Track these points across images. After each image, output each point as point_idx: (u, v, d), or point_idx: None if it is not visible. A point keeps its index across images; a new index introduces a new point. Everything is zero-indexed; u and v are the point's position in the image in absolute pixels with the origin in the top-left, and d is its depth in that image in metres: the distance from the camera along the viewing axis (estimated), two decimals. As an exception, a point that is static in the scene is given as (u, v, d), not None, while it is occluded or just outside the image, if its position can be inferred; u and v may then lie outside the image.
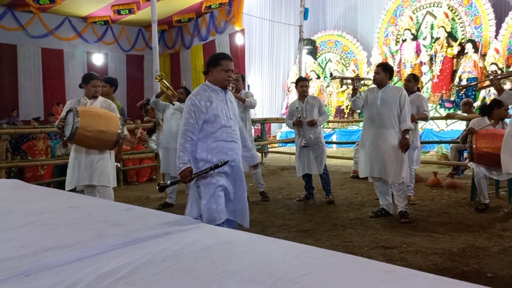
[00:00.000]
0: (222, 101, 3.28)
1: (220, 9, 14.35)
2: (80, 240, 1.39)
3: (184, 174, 3.14)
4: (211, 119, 3.19)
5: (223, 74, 3.24)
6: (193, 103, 3.18)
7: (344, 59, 14.74)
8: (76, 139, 3.96)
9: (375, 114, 4.75)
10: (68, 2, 13.00)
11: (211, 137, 3.22)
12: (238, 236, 1.48)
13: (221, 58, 3.29)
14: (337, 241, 4.02)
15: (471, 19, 11.66)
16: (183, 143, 3.17)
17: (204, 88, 3.29)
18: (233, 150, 3.29)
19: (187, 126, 3.17)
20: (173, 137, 5.57)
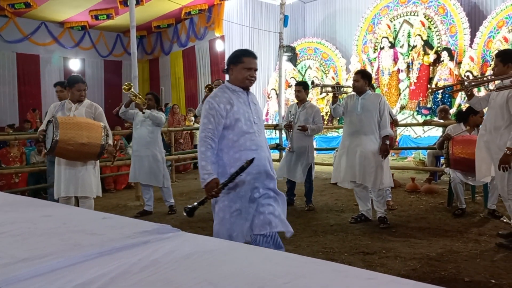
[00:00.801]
0: (244, 103, 2.90)
1: (200, 15, 14.32)
2: (54, 251, 1.34)
3: (210, 187, 2.71)
4: (232, 124, 2.81)
5: (244, 73, 2.87)
6: (212, 106, 2.80)
7: (324, 66, 14.88)
8: (56, 152, 3.83)
9: (355, 120, 4.78)
10: (45, 6, 12.77)
11: (234, 146, 2.81)
12: (219, 244, 1.46)
13: (243, 55, 2.90)
14: (317, 247, 4.02)
15: (447, 28, 11.93)
16: (204, 151, 2.77)
17: (223, 89, 2.91)
18: (260, 160, 2.84)
19: (206, 132, 2.79)
20: (144, 145, 5.52)
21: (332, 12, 15.84)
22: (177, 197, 6.81)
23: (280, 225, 2.90)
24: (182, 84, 16.05)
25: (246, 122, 2.84)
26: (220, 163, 2.83)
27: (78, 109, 4.20)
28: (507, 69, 3.69)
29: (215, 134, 2.80)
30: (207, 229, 4.81)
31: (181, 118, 10.88)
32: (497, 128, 3.83)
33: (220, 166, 2.82)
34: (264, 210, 2.85)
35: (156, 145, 5.61)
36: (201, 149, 2.79)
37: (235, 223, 2.81)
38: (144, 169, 5.53)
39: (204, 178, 2.72)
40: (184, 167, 10.17)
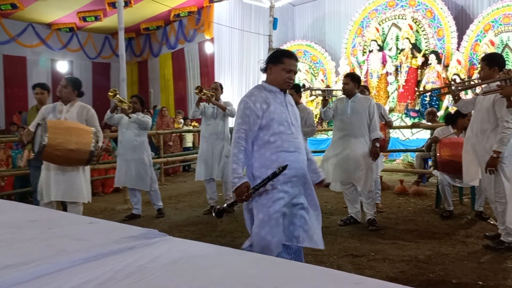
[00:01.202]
0: (281, 104, 2.75)
1: (189, 17, 14.29)
2: (39, 257, 1.32)
3: (241, 191, 2.59)
4: (269, 124, 2.67)
5: (284, 75, 2.73)
6: (247, 106, 2.67)
7: (313, 69, 14.93)
8: (44, 157, 3.74)
9: (345, 123, 4.81)
10: (32, 8, 12.65)
11: (270, 147, 2.67)
12: (206, 249, 1.44)
13: (285, 56, 2.76)
14: (306, 250, 4.01)
15: (434, 31, 12.05)
16: (237, 153, 2.64)
17: (260, 88, 2.78)
18: (298, 162, 2.71)
19: (240, 133, 2.66)
20: (130, 148, 5.47)
21: (321, 15, 15.93)
22: (166, 200, 6.78)
23: (307, 240, 2.77)
24: (171, 87, 15.99)
25: (283, 123, 2.69)
26: (255, 165, 2.69)
27: (70, 111, 4.11)
28: (493, 73, 3.73)
29: (249, 135, 2.67)
30: (196, 232, 4.79)
31: (170, 121, 10.84)
32: (483, 131, 3.86)
33: (256, 168, 2.69)
34: (295, 222, 2.73)
35: (143, 148, 5.56)
36: (233, 150, 2.66)
37: (275, 227, 2.63)
38: (130, 173, 5.49)
39: (235, 182, 2.60)
40: (173, 170, 10.12)
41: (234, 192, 2.61)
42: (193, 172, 10.43)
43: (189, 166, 10.70)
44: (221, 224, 5.17)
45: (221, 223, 5.20)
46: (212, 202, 5.92)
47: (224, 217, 5.47)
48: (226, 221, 5.30)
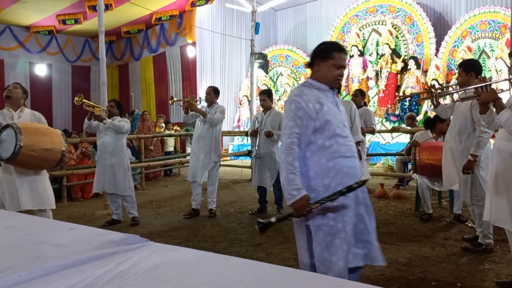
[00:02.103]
0: (332, 103, 2.46)
1: (170, 21, 14.22)
2: (15, 264, 1.29)
3: (301, 205, 2.24)
4: (322, 127, 2.35)
5: (334, 71, 2.43)
6: (299, 106, 2.35)
7: (295, 73, 15.02)
8: (18, 160, 3.51)
9: None
10: (10, 10, 12.40)
11: (325, 153, 2.35)
12: (187, 254, 1.43)
13: (334, 50, 2.45)
14: (288, 254, 4.03)
15: (413, 37, 12.27)
16: (292, 161, 2.30)
17: (309, 86, 2.46)
18: (355, 169, 2.42)
19: (293, 138, 2.32)
20: (108, 153, 5.39)
21: (303, 20, 16.06)
22: (147, 205, 6.71)
23: (380, 258, 2.44)
24: (153, 90, 15.86)
25: (338, 125, 2.40)
26: (309, 173, 2.36)
27: (22, 117, 3.92)
28: (470, 78, 3.80)
29: (302, 139, 2.35)
30: (177, 237, 4.75)
31: (151, 125, 10.75)
32: (461, 135, 3.94)
33: (310, 177, 2.35)
34: (358, 237, 2.41)
35: (121, 153, 5.45)
36: (287, 158, 2.31)
37: (340, 248, 2.30)
38: (109, 178, 5.39)
39: (293, 195, 2.25)
40: (154, 175, 10.02)
41: (292, 206, 2.28)
42: (174, 176, 10.37)
43: (171, 171, 10.62)
44: (202, 229, 5.15)
45: (202, 228, 5.17)
46: (194, 205, 5.90)
47: (206, 221, 5.48)
48: (207, 226, 5.28)
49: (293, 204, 2.26)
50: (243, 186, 8.40)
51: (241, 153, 10.87)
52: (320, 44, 2.56)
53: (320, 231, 2.32)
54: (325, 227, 2.31)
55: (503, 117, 2.90)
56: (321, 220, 2.32)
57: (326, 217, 2.31)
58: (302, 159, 2.36)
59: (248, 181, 8.82)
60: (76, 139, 8.47)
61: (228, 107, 15.11)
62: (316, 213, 2.30)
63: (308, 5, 15.81)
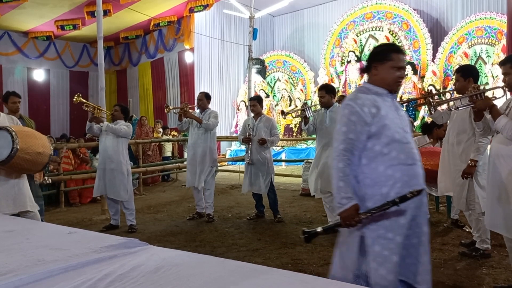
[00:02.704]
0: (391, 107, 2.31)
1: (168, 27, 14.26)
2: (16, 267, 1.30)
3: (350, 214, 2.13)
4: (380, 132, 2.21)
5: (393, 73, 2.30)
6: (353, 111, 2.23)
7: (292, 79, 15.07)
8: (12, 163, 3.43)
9: (325, 133, 4.90)
10: (8, 16, 12.43)
11: (383, 159, 2.20)
12: (186, 258, 1.44)
13: (392, 51, 2.33)
14: (286, 259, 4.03)
15: (410, 43, 12.34)
16: (343, 168, 2.20)
17: (364, 90, 2.34)
18: (417, 178, 2.26)
19: (346, 144, 2.22)
20: (108, 157, 5.38)
21: (300, 26, 16.15)
22: (144, 210, 6.71)
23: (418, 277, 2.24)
24: (151, 96, 15.88)
25: (397, 130, 2.25)
26: (366, 182, 2.22)
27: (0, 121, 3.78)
28: (468, 84, 3.83)
29: (355, 146, 2.22)
30: (175, 242, 4.75)
31: (149, 130, 10.75)
32: (459, 141, 3.96)
33: (366, 185, 2.22)
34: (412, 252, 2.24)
35: (121, 157, 5.42)
36: (338, 165, 2.21)
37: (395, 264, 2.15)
38: (108, 183, 5.39)
39: (342, 203, 2.15)
40: (152, 180, 10.02)
41: (340, 215, 2.17)
42: (172, 181, 10.36)
43: (168, 176, 10.62)
44: (200, 234, 5.15)
45: (200, 233, 5.17)
46: (199, 209, 5.99)
47: (204, 226, 5.48)
48: (205, 231, 5.28)
49: (342, 213, 2.15)
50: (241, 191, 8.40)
51: (239, 158, 10.87)
52: (377, 46, 2.48)
53: (377, 244, 2.16)
54: (382, 240, 2.16)
55: (500, 123, 2.94)
56: (379, 232, 2.17)
57: (384, 228, 2.17)
58: (357, 165, 2.24)
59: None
60: (74, 144, 8.48)
61: (225, 113, 15.16)
62: (374, 224, 2.17)
63: (305, 11, 15.91)
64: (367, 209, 2.14)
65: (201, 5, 12.75)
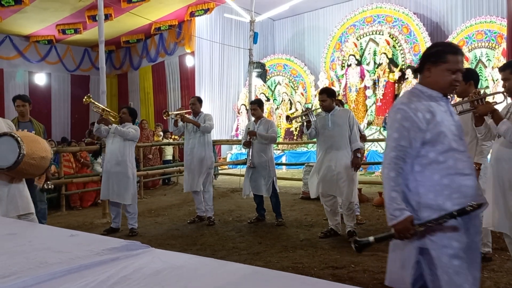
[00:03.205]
0: (446, 112, 2.15)
1: (169, 31, 14.30)
2: (19, 269, 1.30)
3: (404, 227, 2.00)
4: (435, 139, 2.07)
5: (448, 77, 2.13)
6: (406, 116, 2.09)
7: (293, 82, 15.09)
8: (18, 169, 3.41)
9: (327, 136, 4.91)
10: (10, 20, 12.47)
11: (439, 168, 2.06)
12: (188, 260, 1.45)
13: (448, 52, 2.13)
14: (287, 263, 4.04)
15: (411, 47, 12.36)
16: (395, 177, 2.07)
17: (417, 93, 2.18)
18: (474, 189, 2.10)
19: (398, 151, 2.08)
20: (115, 160, 5.38)
21: (300, 30, 16.19)
22: (145, 213, 6.71)
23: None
24: (151, 99, 15.91)
25: (453, 137, 2.10)
26: (420, 190, 2.07)
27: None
28: (469, 87, 3.84)
29: (408, 153, 2.08)
30: (176, 246, 4.75)
31: (150, 134, 10.78)
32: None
33: (420, 194, 2.07)
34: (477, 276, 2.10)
35: (128, 161, 5.43)
36: (390, 174, 2.08)
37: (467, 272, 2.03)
38: (113, 186, 5.39)
39: (395, 215, 2.01)
40: (152, 183, 10.02)
41: (393, 227, 2.04)
42: (173, 185, 10.37)
43: (169, 179, 10.62)
44: (201, 237, 5.15)
45: (201, 236, 5.18)
46: (199, 212, 6.03)
47: (205, 230, 5.48)
48: (206, 234, 5.28)
49: (395, 225, 2.02)
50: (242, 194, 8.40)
51: (239, 161, 10.88)
52: (432, 46, 2.28)
53: (444, 255, 2.01)
54: (449, 250, 2.02)
55: (502, 128, 2.99)
56: (443, 242, 2.03)
57: (447, 238, 2.03)
58: (409, 173, 2.11)
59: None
60: (75, 147, 8.49)
61: (226, 116, 15.18)
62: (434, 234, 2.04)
63: (305, 15, 15.95)
64: (421, 219, 2.03)
65: (202, 9, 12.79)
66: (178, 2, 12.20)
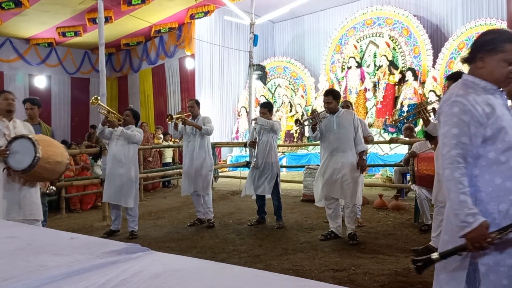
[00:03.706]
0: (503, 106, 1.92)
1: (169, 33, 14.33)
2: (19, 273, 1.30)
3: (480, 235, 1.73)
4: (496, 136, 1.84)
5: (504, 68, 1.89)
6: (465, 109, 1.85)
7: (293, 85, 15.11)
8: (32, 172, 3.45)
9: (333, 138, 4.87)
10: (10, 23, 12.51)
11: (500, 169, 1.83)
12: (188, 263, 1.44)
13: (506, 40, 1.88)
14: (287, 265, 4.03)
15: (411, 49, 12.38)
16: (460, 178, 1.80)
17: (471, 85, 1.94)
18: None
19: (457, 149, 1.84)
20: (118, 162, 5.37)
21: (300, 32, 16.22)
22: (145, 216, 6.70)
23: None
24: (151, 102, 15.93)
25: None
26: (479, 195, 1.84)
27: (17, 127, 3.78)
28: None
29: (468, 151, 1.84)
30: (176, 249, 4.75)
31: (150, 136, 10.77)
32: None
33: (481, 200, 1.84)
34: None
35: (131, 164, 5.42)
36: (454, 174, 1.81)
37: None
38: (115, 188, 5.38)
39: (468, 222, 1.74)
40: (152, 186, 10.02)
41: (466, 237, 1.76)
42: (173, 188, 10.36)
43: (169, 182, 10.62)
44: (201, 240, 5.14)
45: (201, 239, 5.17)
46: (199, 215, 6.04)
47: (205, 232, 5.47)
48: (206, 237, 5.27)
49: (469, 234, 1.74)
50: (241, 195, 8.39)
51: (240, 164, 10.88)
52: (486, 32, 2.00)
53: (493, 273, 1.79)
54: (501, 268, 1.79)
55: None
56: (496, 258, 1.80)
57: (503, 253, 1.79)
58: (468, 177, 1.85)
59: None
60: (75, 150, 8.49)
61: (226, 118, 15.19)
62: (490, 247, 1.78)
63: (305, 18, 15.98)
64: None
65: (202, 12, 12.82)
66: (178, 4, 12.22)
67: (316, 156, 11.95)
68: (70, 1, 11.07)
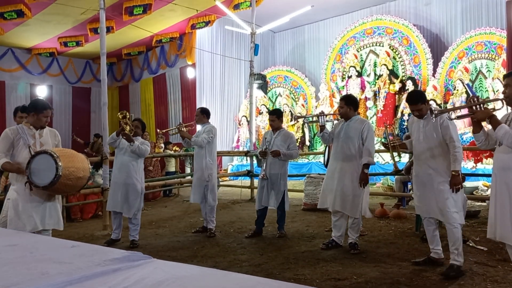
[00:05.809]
0: None
1: (171, 43, 14.40)
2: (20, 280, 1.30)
3: None
4: None
5: None
6: None
7: (294, 94, 15.14)
8: (53, 188, 3.48)
9: (338, 147, 4.82)
10: (12, 33, 12.58)
11: None
12: (190, 271, 1.44)
13: None
14: (289, 275, 4.01)
15: (411, 58, 12.42)
16: None
17: None
18: None
19: None
20: (125, 172, 5.34)
21: (301, 42, 16.30)
22: (146, 225, 6.68)
23: None
24: (152, 111, 15.96)
25: None
26: None
27: (43, 137, 3.84)
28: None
29: None
30: (177, 258, 4.73)
31: (151, 145, 10.78)
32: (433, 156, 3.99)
33: None
34: None
35: (137, 175, 5.41)
36: None
37: None
38: (119, 197, 5.35)
39: None
40: (153, 195, 10.00)
41: None
42: (174, 197, 10.35)
43: (170, 191, 10.60)
44: (202, 249, 5.12)
45: (202, 248, 5.15)
46: (205, 223, 6.05)
47: (206, 241, 5.45)
48: (207, 246, 5.26)
49: None
50: (243, 206, 8.38)
51: (241, 173, 10.87)
52: None
53: None
54: None
55: (500, 132, 2.96)
56: None
57: None
58: None
59: (248, 201, 8.81)
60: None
61: (227, 128, 15.20)
62: None
63: (306, 27, 16.05)
64: None
65: (203, 22, 12.89)
66: (179, 14, 12.29)
67: (317, 164, 11.93)
68: (72, 12, 11.13)
